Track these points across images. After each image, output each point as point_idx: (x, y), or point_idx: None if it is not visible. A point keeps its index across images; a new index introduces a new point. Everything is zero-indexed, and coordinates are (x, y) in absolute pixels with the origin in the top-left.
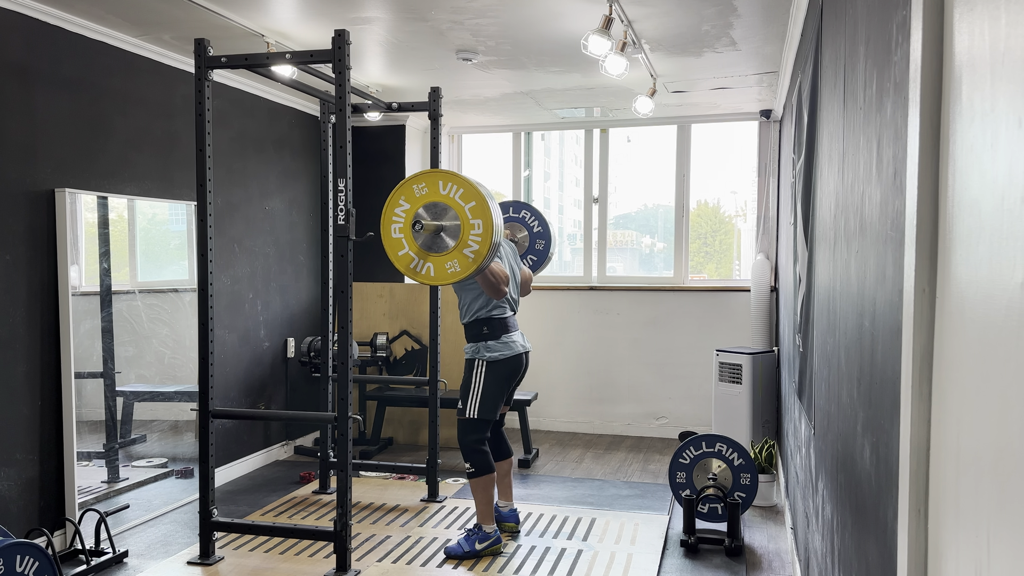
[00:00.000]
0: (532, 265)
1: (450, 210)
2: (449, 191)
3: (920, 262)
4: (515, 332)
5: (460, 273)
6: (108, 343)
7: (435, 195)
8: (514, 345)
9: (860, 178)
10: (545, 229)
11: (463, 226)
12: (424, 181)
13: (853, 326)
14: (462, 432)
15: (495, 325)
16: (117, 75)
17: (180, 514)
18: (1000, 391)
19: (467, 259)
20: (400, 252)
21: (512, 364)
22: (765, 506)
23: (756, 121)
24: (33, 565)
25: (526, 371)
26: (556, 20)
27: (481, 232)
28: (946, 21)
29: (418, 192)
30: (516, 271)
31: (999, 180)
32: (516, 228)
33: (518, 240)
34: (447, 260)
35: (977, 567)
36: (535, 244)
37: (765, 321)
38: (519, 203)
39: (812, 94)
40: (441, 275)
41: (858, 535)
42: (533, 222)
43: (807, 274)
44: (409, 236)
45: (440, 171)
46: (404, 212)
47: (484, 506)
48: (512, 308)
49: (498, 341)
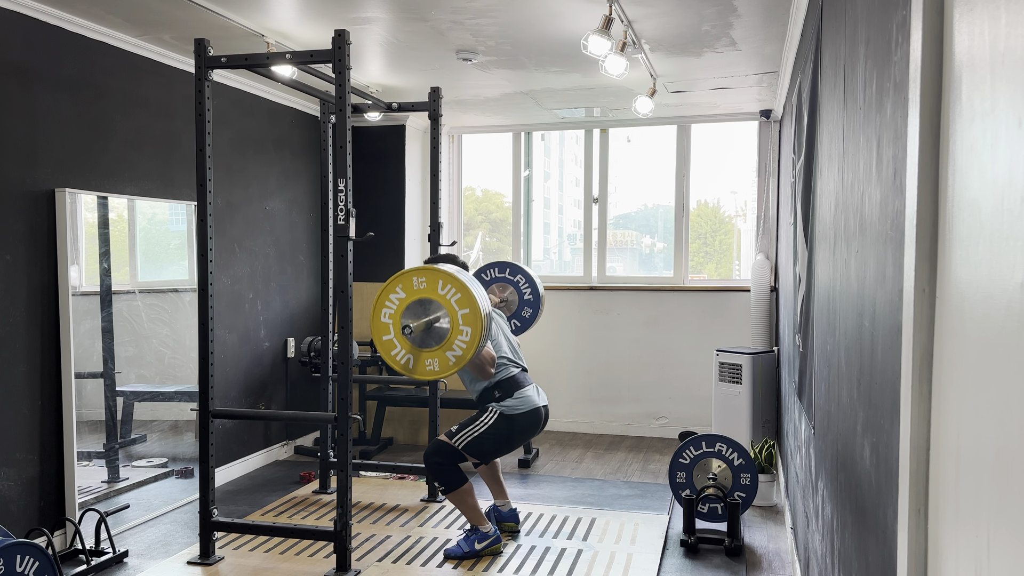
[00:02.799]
0: (515, 329)
1: (443, 311)
2: (447, 292)
3: (920, 262)
4: (528, 387)
5: (438, 373)
6: (108, 343)
7: (432, 293)
8: (529, 400)
9: (860, 178)
10: (535, 299)
11: (452, 330)
12: (425, 276)
13: (853, 326)
14: (431, 451)
15: (505, 386)
16: (117, 75)
17: (180, 514)
18: (1000, 391)
19: (448, 361)
20: (385, 337)
21: (529, 419)
22: (765, 506)
23: (756, 121)
24: (33, 565)
25: (544, 426)
26: (556, 20)
27: (468, 339)
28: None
29: (416, 285)
30: (512, 338)
31: (999, 180)
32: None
33: (507, 300)
34: (429, 357)
35: (977, 567)
36: (522, 311)
37: (765, 321)
38: (516, 267)
39: (812, 94)
40: (420, 370)
41: (858, 535)
42: (526, 289)
43: (807, 274)
44: (397, 323)
45: (441, 271)
46: (398, 300)
47: (471, 511)
48: (518, 367)
49: (512, 398)
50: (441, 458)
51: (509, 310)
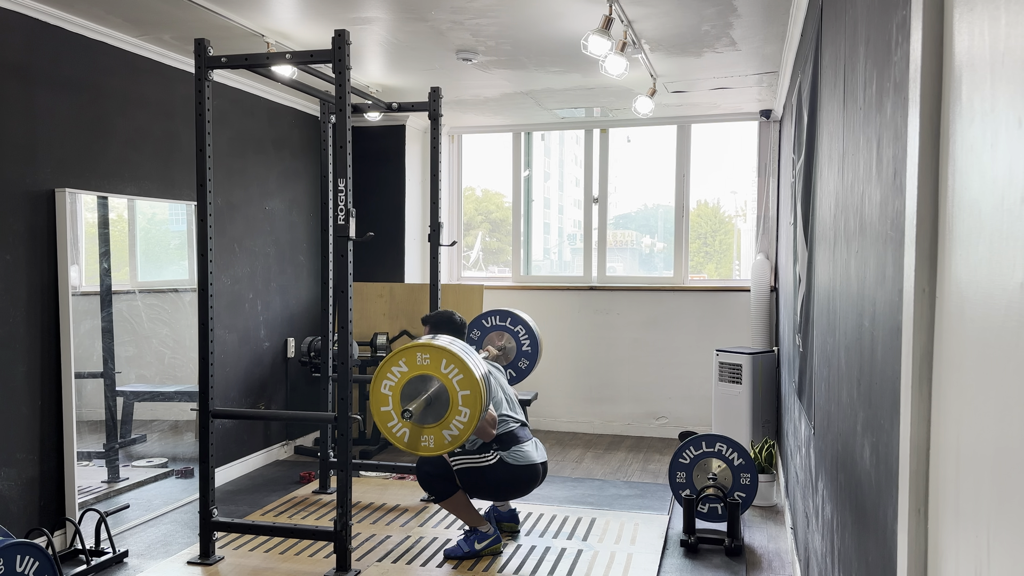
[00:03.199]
0: (510, 379)
1: (444, 391)
2: (450, 372)
3: (920, 262)
4: (527, 443)
5: (433, 450)
6: (108, 343)
7: (435, 371)
8: (526, 455)
9: (860, 178)
10: (533, 351)
11: (451, 410)
12: (429, 354)
13: (853, 326)
14: (423, 460)
15: (504, 440)
16: (117, 75)
17: (180, 514)
18: (1000, 391)
19: (444, 439)
20: (383, 408)
21: (524, 473)
22: (765, 506)
23: (756, 121)
24: (33, 565)
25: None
26: (556, 20)
27: (466, 420)
28: (946, 21)
29: (420, 361)
30: (511, 394)
31: (999, 180)
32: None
33: (505, 348)
34: (425, 433)
35: (977, 567)
36: (519, 361)
37: (765, 321)
38: (517, 317)
39: (812, 94)
40: (414, 444)
41: (858, 535)
42: (525, 340)
43: (807, 274)
44: (396, 396)
45: (446, 350)
46: (400, 374)
47: (467, 514)
48: (517, 422)
49: (509, 452)
50: (433, 468)
51: (507, 359)
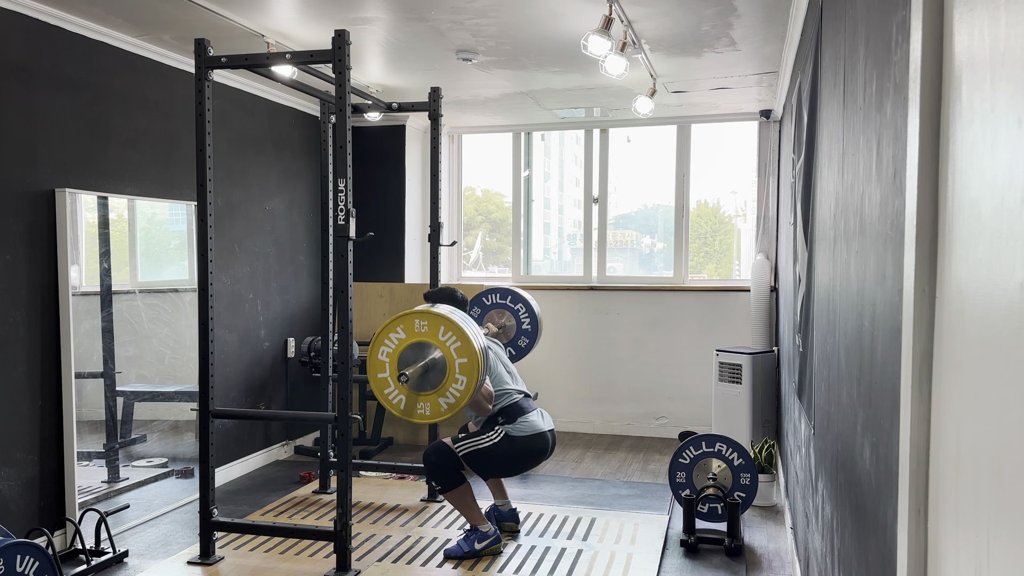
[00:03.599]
0: (510, 356)
1: (441, 358)
2: (447, 339)
3: (920, 262)
4: (532, 412)
5: (429, 417)
6: (108, 343)
7: (432, 338)
8: (533, 424)
9: (860, 178)
10: (533, 328)
11: (447, 378)
12: (427, 321)
13: (853, 326)
14: (430, 450)
15: (508, 412)
16: (117, 75)
17: (180, 514)
18: (1000, 391)
19: (440, 407)
20: (380, 375)
21: (535, 443)
22: (765, 506)
23: (756, 121)
24: (33, 565)
25: (552, 452)
26: (556, 20)
27: (462, 388)
28: (946, 21)
29: (418, 327)
30: (511, 367)
31: (999, 180)
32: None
33: (504, 326)
34: (421, 400)
35: (977, 567)
36: (519, 339)
37: (765, 321)
38: (518, 295)
39: (812, 94)
40: (410, 411)
41: (858, 535)
42: (525, 318)
43: (807, 274)
44: (393, 363)
45: (445, 318)
46: (398, 340)
47: (469, 511)
48: (520, 393)
49: (515, 424)
50: (439, 458)
51: (507, 337)
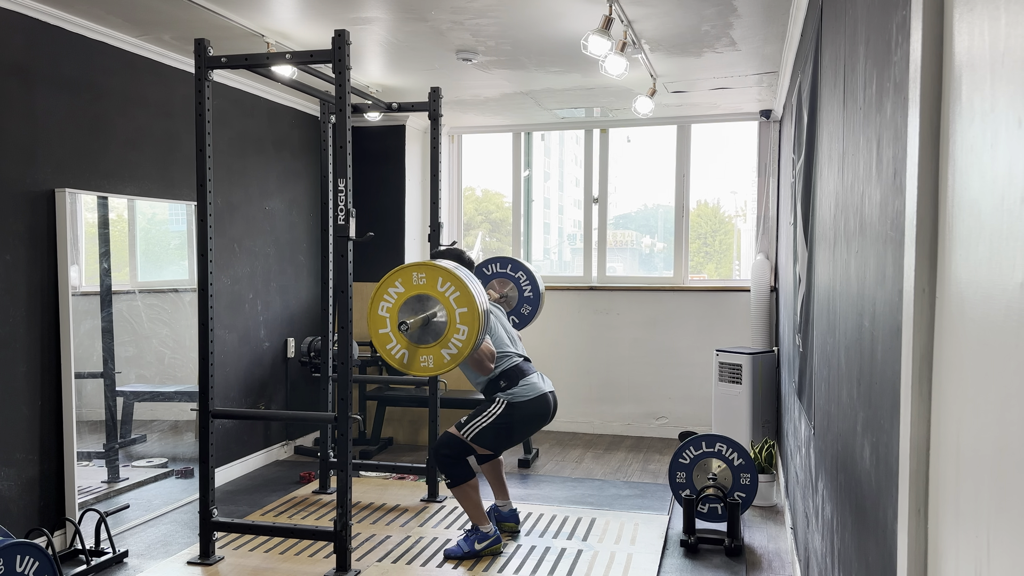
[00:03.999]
0: (513, 324)
1: (441, 308)
2: (446, 290)
3: (920, 262)
4: (533, 375)
5: (432, 370)
6: (108, 343)
7: (431, 289)
8: (535, 386)
9: (860, 178)
10: (535, 295)
11: (449, 327)
12: (425, 272)
13: (853, 326)
14: (440, 444)
15: (509, 375)
16: (117, 75)
17: (180, 514)
18: (1000, 391)
19: (443, 358)
20: (381, 330)
21: (538, 405)
22: (765, 506)
23: (756, 121)
24: (33, 565)
25: (555, 414)
26: (556, 20)
27: (464, 338)
28: (946, 21)
29: (416, 280)
30: (511, 331)
31: (999, 180)
32: (505, 284)
33: (507, 296)
34: (424, 353)
35: (977, 567)
36: (521, 307)
37: (765, 321)
38: (518, 263)
39: (812, 94)
40: (414, 365)
41: (858, 535)
42: (526, 285)
43: (807, 274)
44: (394, 317)
45: (441, 268)
46: (397, 295)
47: (473, 509)
48: (520, 356)
49: (518, 387)
50: (450, 450)
51: (509, 306)
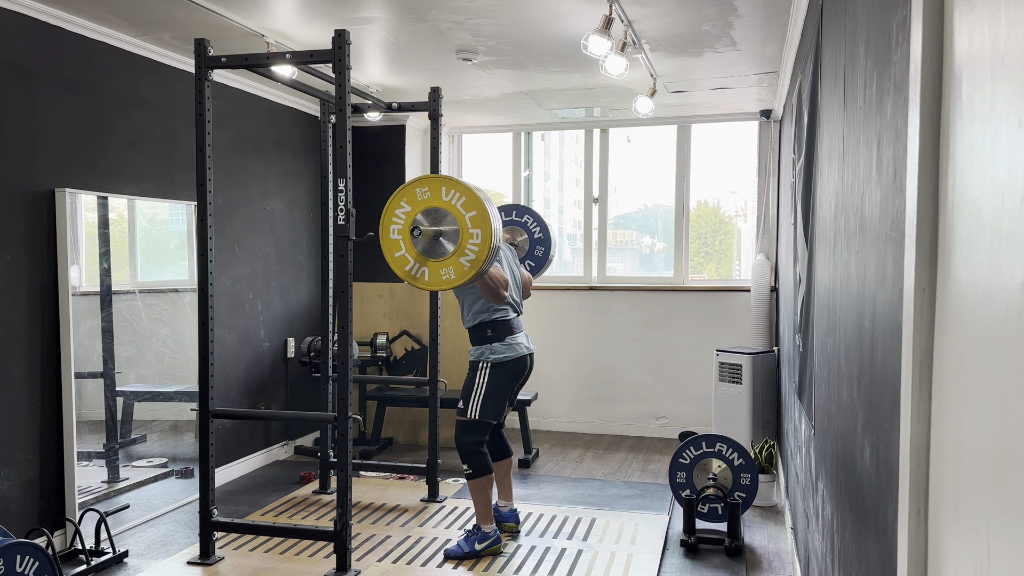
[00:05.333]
0: (530, 270)
1: (450, 216)
2: (451, 198)
3: (920, 262)
4: (520, 334)
5: (455, 280)
6: (108, 343)
7: (437, 200)
8: (519, 347)
9: (860, 178)
10: (546, 236)
11: (462, 234)
12: (427, 185)
13: (853, 326)
14: (460, 432)
15: (499, 327)
16: (117, 75)
17: (180, 514)
18: (1000, 391)
19: (463, 267)
20: (397, 253)
21: (517, 366)
22: (765, 506)
23: (756, 121)
24: (33, 565)
25: (531, 372)
26: (556, 20)
27: (479, 242)
28: (946, 21)
29: (420, 196)
30: (516, 274)
31: (999, 180)
32: (517, 232)
33: (518, 243)
34: (443, 266)
35: (977, 567)
36: (534, 250)
37: (765, 321)
38: (522, 207)
39: (812, 94)
40: (436, 280)
41: (858, 535)
42: (535, 228)
43: (807, 274)
44: (407, 239)
45: (444, 177)
46: (404, 215)
47: (483, 507)
48: (515, 310)
49: (503, 343)
50: (474, 436)
51: (521, 252)
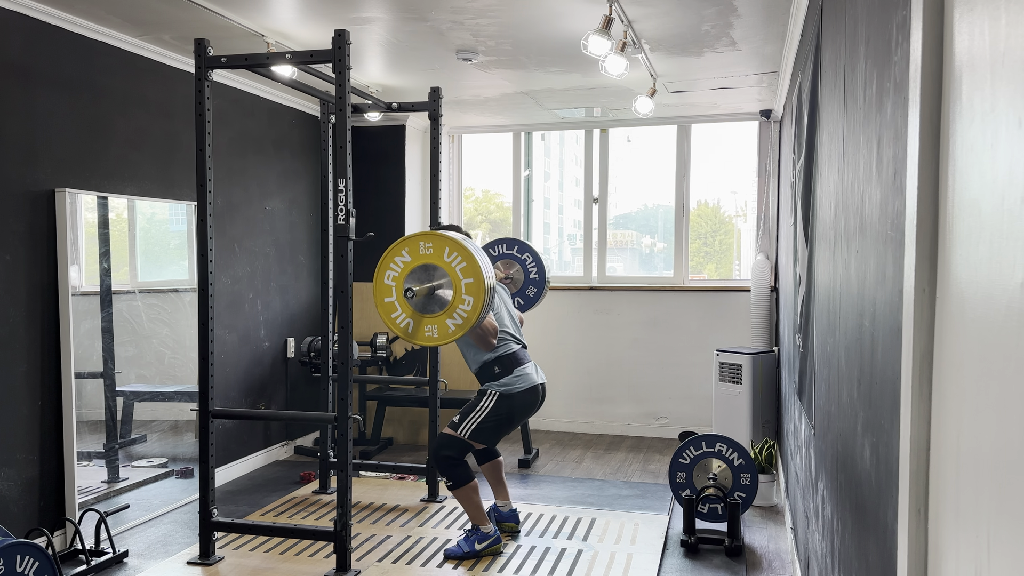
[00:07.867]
0: (519, 307)
1: (446, 278)
2: (452, 260)
3: (920, 262)
4: (527, 364)
5: (436, 340)
6: (108, 343)
7: (438, 259)
8: (528, 377)
9: (860, 178)
10: (540, 278)
11: (454, 298)
12: (432, 243)
13: (853, 326)
14: (439, 444)
15: (505, 362)
16: (117, 75)
17: (180, 514)
18: (1000, 391)
19: (447, 328)
20: (386, 299)
21: (527, 398)
22: (765, 506)
23: (756, 121)
24: (33, 565)
25: (542, 404)
26: (556, 20)
27: (469, 309)
28: (946, 21)
29: (422, 250)
30: (513, 312)
31: (999, 180)
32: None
33: (512, 276)
34: (429, 323)
35: (977, 567)
36: (527, 289)
37: (765, 321)
38: (524, 244)
39: (812, 94)
40: (419, 335)
41: (858, 535)
42: (532, 268)
43: (807, 274)
44: (400, 287)
45: (449, 238)
46: (403, 263)
47: (474, 510)
48: (518, 343)
49: (511, 375)
50: (451, 451)
51: (514, 287)
